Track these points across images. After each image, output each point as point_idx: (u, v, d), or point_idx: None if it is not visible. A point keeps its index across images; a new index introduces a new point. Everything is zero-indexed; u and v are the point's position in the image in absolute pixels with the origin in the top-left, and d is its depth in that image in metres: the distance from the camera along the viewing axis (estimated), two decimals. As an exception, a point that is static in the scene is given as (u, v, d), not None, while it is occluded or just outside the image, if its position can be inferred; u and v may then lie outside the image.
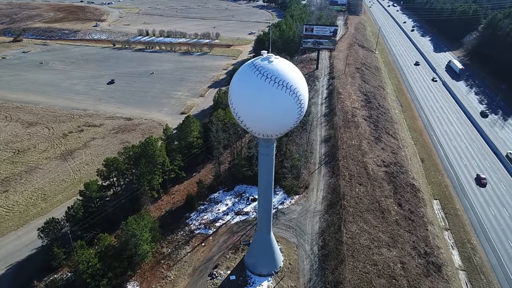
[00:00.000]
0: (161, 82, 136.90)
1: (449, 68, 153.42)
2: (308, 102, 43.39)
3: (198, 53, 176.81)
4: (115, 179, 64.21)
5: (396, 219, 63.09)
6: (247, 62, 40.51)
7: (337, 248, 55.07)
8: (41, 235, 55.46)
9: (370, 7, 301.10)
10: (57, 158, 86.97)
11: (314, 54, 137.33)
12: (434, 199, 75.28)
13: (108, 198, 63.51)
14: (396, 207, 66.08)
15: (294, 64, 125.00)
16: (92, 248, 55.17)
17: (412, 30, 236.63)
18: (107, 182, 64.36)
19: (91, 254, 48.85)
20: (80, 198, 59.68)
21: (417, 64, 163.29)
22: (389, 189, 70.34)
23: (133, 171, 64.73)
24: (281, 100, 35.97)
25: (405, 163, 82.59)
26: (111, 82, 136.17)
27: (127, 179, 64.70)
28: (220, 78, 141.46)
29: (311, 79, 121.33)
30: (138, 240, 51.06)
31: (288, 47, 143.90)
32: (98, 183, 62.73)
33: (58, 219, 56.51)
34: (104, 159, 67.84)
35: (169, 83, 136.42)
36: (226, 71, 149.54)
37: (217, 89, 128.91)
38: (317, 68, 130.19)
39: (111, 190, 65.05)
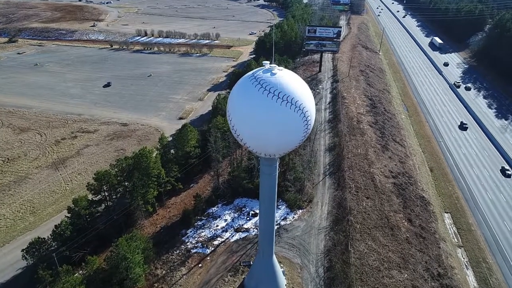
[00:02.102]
0: (159, 85, 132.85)
1: (432, 44, 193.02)
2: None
3: (197, 54, 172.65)
4: (106, 193, 60.23)
5: (407, 236, 59.06)
6: (247, 74, 36.20)
7: (344, 271, 51.04)
8: (26, 256, 51.63)
9: (378, 15, 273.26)
10: (48, 167, 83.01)
11: (316, 56, 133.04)
12: (445, 212, 71.34)
13: (98, 214, 59.50)
14: (406, 223, 62.07)
15: (296, 66, 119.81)
16: (80, 269, 51.49)
17: (404, 17, 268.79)
18: (98, 197, 60.37)
19: (77, 280, 44.88)
20: (68, 215, 55.69)
21: (463, 127, 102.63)
22: (398, 203, 66.32)
23: (126, 184, 60.82)
24: (285, 117, 31.66)
25: (414, 173, 78.54)
26: (108, 85, 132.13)
27: (119, 194, 60.73)
28: (220, 81, 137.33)
29: (314, 82, 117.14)
30: (129, 263, 47.12)
31: (290, 48, 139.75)
32: (89, 198, 58.90)
33: (44, 238, 52.68)
34: (95, 171, 64.13)
35: (167, 86, 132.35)
36: (226, 73, 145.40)
37: (217, 93, 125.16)
38: (320, 70, 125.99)
39: (103, 205, 61.07)
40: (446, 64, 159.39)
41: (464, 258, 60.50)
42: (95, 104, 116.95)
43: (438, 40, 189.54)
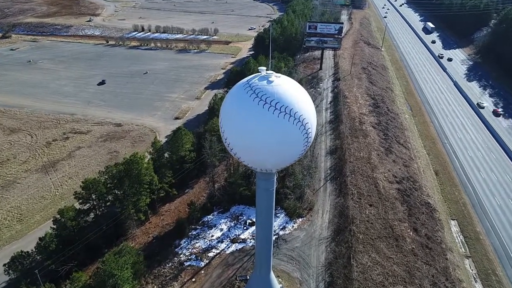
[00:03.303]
0: (155, 83, 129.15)
1: (425, 28, 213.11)
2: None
3: (195, 50, 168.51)
4: (95, 202, 57.06)
5: (412, 248, 55.97)
6: (241, 82, 32.48)
7: (346, 287, 48.09)
8: (8, 270, 48.66)
9: (385, 17, 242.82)
10: (38, 170, 79.84)
11: (317, 53, 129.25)
12: (452, 219, 68.13)
13: (85, 225, 56.31)
14: (411, 233, 58.93)
15: (297, 64, 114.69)
16: (65, 285, 48.52)
17: (401, 5, 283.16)
18: (87, 205, 57.23)
19: (60, 301, 41.94)
20: (54, 226, 52.54)
21: None
22: (402, 211, 63.13)
23: (117, 192, 57.61)
24: (283, 131, 28.02)
25: (419, 178, 75.30)
26: (102, 82, 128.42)
27: (109, 202, 57.56)
28: (218, 78, 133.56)
29: (314, 80, 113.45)
30: (117, 279, 44.08)
31: (290, 45, 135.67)
32: (76, 207, 55.82)
33: (27, 252, 49.67)
34: (86, 175, 60.97)
35: (164, 84, 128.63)
36: (224, 70, 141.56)
37: (214, 91, 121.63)
38: (321, 68, 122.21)
39: (91, 213, 57.97)
40: (433, 42, 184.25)
41: (472, 270, 57.43)
42: (89, 103, 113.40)
43: (430, 24, 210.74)
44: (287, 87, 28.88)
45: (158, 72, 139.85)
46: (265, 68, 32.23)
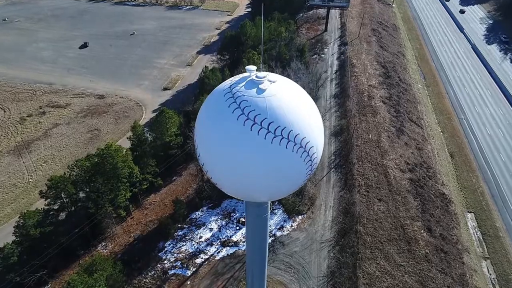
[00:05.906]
0: (142, 46, 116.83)
1: None
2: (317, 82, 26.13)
3: (187, 7, 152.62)
4: (65, 200, 49.80)
5: (426, 252, 49.71)
6: (222, 86, 22.85)
7: (351, 303, 42.41)
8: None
9: None
10: (10, 152, 71.99)
11: (322, 11, 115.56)
12: (468, 212, 61.46)
13: (54, 228, 49.41)
14: (425, 234, 52.41)
15: (299, 26, 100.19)
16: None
17: None
18: (57, 204, 50.04)
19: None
20: (17, 233, 45.69)
21: None
22: (415, 206, 56.17)
23: (88, 190, 50.14)
24: (279, 159, 19.14)
25: (433, 162, 67.63)
26: (84, 45, 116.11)
27: (81, 202, 50.32)
28: (212, 40, 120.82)
29: (318, 45, 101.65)
30: (88, 301, 38.10)
31: (293, 2, 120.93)
32: (44, 208, 48.73)
33: (-14, 263, 43.34)
34: (64, 159, 53.07)
35: (152, 47, 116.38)
36: (219, 31, 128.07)
37: (208, 56, 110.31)
38: (326, 30, 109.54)
39: (62, 213, 51.02)
40: None
41: (490, 274, 51.67)
42: (69, 70, 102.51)
43: None
44: (284, 99, 19.10)
45: (146, 32, 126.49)
46: (255, 68, 22.04)
